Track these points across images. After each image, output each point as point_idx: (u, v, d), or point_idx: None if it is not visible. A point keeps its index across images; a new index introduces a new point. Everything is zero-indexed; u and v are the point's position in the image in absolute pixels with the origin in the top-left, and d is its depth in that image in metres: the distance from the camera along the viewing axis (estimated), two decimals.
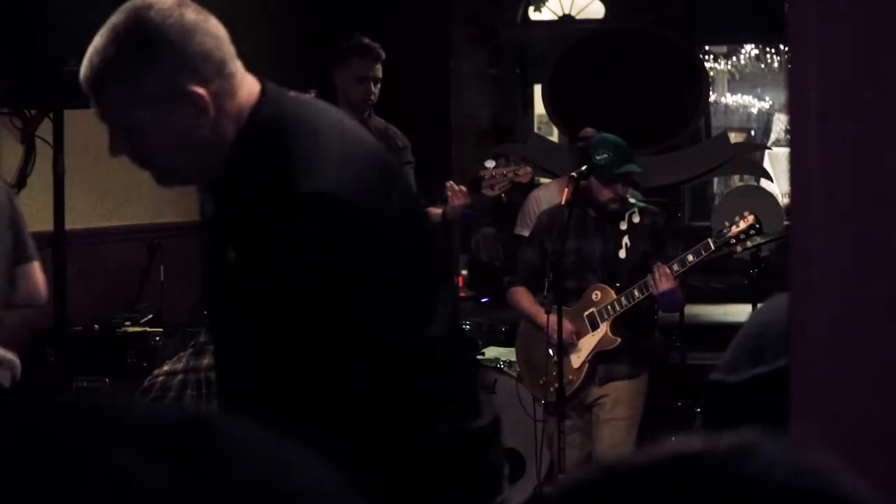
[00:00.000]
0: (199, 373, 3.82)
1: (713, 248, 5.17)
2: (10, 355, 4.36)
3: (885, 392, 1.17)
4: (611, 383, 5.29)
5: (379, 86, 5.64)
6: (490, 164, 5.72)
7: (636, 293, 5.19)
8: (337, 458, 0.68)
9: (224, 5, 6.96)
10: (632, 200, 5.39)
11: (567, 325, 5.22)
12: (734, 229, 5.22)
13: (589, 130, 6.26)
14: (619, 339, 5.25)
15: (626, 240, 5.29)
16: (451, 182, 5.60)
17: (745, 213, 5.28)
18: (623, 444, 5.19)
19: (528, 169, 5.83)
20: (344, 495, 0.65)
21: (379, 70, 5.67)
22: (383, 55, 5.72)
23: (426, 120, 7.41)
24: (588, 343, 5.30)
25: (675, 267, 5.12)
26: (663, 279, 5.10)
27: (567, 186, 5.34)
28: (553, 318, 5.15)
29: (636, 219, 5.32)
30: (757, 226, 5.20)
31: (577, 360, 5.30)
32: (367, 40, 5.76)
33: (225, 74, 2.22)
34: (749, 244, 5.25)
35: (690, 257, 5.15)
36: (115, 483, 0.58)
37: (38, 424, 0.63)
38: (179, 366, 3.89)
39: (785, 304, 1.53)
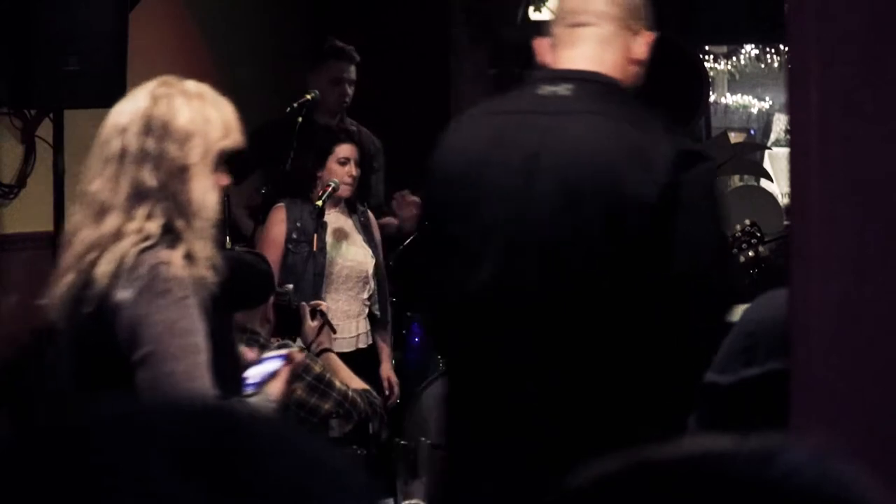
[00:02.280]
0: None
1: None
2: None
3: (884, 391, 1.17)
4: None
5: (353, 88, 5.66)
6: None
7: None
8: None
9: (223, 4, 6.95)
10: None
11: None
12: (735, 237, 5.21)
13: None
14: None
15: None
16: (403, 192, 5.58)
17: (745, 221, 5.24)
18: None
19: None
20: (372, 496, 0.65)
21: (353, 72, 5.70)
22: (357, 58, 5.76)
23: (426, 120, 7.38)
24: None
25: None
26: None
27: None
28: None
29: None
30: (758, 234, 5.17)
31: None
32: (341, 43, 5.80)
33: (556, 29, 2.81)
34: (751, 254, 5.23)
35: None
36: (141, 489, 0.58)
37: (66, 430, 0.62)
38: None
39: (775, 301, 1.53)
